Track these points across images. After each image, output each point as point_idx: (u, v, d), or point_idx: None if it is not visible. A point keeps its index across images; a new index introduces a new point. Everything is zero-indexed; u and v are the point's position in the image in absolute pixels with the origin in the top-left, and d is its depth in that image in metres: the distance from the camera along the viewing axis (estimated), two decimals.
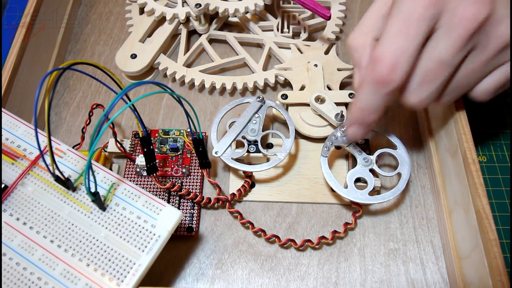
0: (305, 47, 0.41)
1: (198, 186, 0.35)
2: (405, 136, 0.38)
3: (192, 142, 0.31)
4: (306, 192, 0.35)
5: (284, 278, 0.32)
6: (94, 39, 0.46)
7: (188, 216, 0.34)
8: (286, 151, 0.33)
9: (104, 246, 0.26)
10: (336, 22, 0.44)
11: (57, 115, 0.40)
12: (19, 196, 0.28)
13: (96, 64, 0.25)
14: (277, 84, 0.41)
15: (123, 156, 0.36)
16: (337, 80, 0.38)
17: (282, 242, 0.32)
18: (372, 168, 0.32)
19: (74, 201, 0.28)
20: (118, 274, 0.25)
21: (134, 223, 0.27)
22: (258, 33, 0.43)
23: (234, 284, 0.32)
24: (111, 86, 0.27)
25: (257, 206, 0.35)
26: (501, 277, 0.25)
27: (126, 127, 0.39)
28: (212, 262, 0.32)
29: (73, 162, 0.29)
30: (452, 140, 0.32)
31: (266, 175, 0.36)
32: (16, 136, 0.30)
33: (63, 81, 0.42)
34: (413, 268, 0.32)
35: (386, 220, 0.34)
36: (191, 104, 0.28)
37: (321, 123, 0.36)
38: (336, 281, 0.32)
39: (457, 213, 0.31)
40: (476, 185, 0.28)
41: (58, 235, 0.27)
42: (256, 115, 0.34)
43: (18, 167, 0.29)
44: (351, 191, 0.31)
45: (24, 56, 0.37)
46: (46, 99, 0.22)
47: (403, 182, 0.31)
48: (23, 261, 0.26)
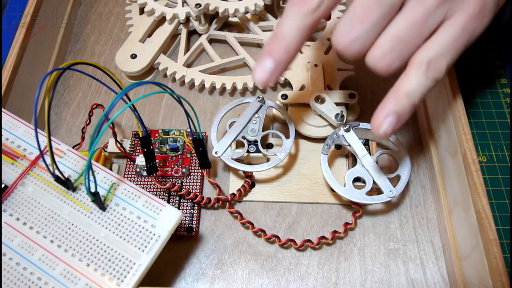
0: (305, 47, 0.41)
1: (198, 186, 0.35)
2: (405, 136, 0.38)
3: (192, 142, 0.31)
4: (306, 192, 0.35)
5: (284, 278, 0.32)
6: (94, 39, 0.46)
7: (188, 216, 0.34)
8: (286, 151, 0.33)
9: (104, 246, 0.26)
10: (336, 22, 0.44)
11: (57, 115, 0.40)
12: (19, 196, 0.28)
13: (96, 64, 0.25)
14: (277, 84, 0.41)
15: (123, 156, 0.36)
16: (337, 80, 0.38)
17: (282, 242, 0.32)
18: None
19: (74, 201, 0.28)
20: (118, 274, 0.25)
21: (134, 223, 0.27)
22: (258, 33, 0.43)
23: (234, 284, 0.32)
24: (111, 86, 0.27)
25: (257, 206, 0.35)
26: (501, 277, 0.25)
27: (126, 127, 0.39)
28: (212, 262, 0.32)
29: (73, 162, 0.29)
30: (452, 140, 0.32)
31: (266, 175, 0.36)
32: (16, 136, 0.30)
33: (63, 81, 0.42)
34: (413, 268, 0.32)
35: (386, 220, 0.34)
36: (191, 104, 0.28)
37: (321, 123, 0.36)
38: (336, 281, 0.32)
39: (457, 213, 0.31)
40: (476, 185, 0.28)
41: (58, 235, 0.27)
42: (256, 115, 0.34)
43: (18, 167, 0.29)
44: (349, 190, 0.31)
45: (24, 56, 0.37)
46: (46, 99, 0.22)
47: (402, 184, 0.31)
48: (23, 261, 0.26)
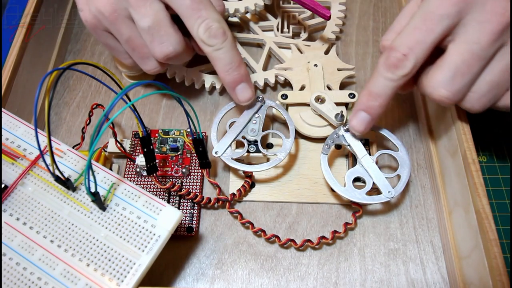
0: (305, 47, 0.41)
1: (198, 186, 0.35)
2: (405, 136, 0.38)
3: (192, 142, 0.31)
4: (306, 192, 0.35)
5: (284, 278, 0.32)
6: (94, 39, 0.46)
7: (188, 216, 0.34)
8: (286, 151, 0.33)
9: (104, 246, 0.26)
10: (336, 22, 0.44)
11: (57, 115, 0.40)
12: (19, 196, 0.28)
13: (96, 64, 0.25)
14: (277, 84, 0.41)
15: (123, 156, 0.36)
16: (337, 80, 0.38)
17: (282, 242, 0.32)
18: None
19: (74, 201, 0.28)
20: (118, 274, 0.25)
21: (134, 223, 0.27)
22: (258, 33, 0.43)
23: (234, 284, 0.32)
24: (111, 86, 0.27)
25: (257, 206, 0.35)
26: (501, 277, 0.25)
27: (126, 127, 0.39)
28: (212, 262, 0.32)
29: (73, 162, 0.29)
30: (452, 140, 0.32)
31: (266, 175, 0.36)
32: (16, 136, 0.30)
33: (63, 81, 0.42)
34: (413, 268, 0.32)
35: (386, 220, 0.34)
36: (191, 104, 0.28)
37: (321, 123, 0.36)
38: (336, 281, 0.32)
39: (457, 213, 0.31)
40: (476, 185, 0.28)
41: (58, 235, 0.27)
42: (256, 115, 0.34)
43: (18, 167, 0.29)
44: (349, 189, 0.31)
45: (24, 56, 0.37)
46: (46, 99, 0.22)
47: (401, 184, 0.31)
48: (23, 261, 0.26)
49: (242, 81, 0.32)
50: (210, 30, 0.30)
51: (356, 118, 0.31)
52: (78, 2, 0.33)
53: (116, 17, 0.31)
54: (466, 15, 0.26)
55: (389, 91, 0.29)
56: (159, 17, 0.31)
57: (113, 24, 0.32)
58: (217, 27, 0.30)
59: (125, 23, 0.32)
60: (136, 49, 0.33)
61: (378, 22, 0.47)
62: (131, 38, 0.32)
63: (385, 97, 0.29)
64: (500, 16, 0.25)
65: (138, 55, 0.34)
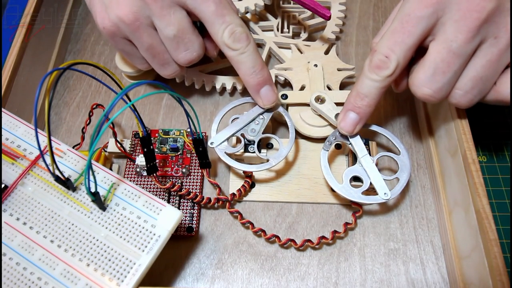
0: (305, 47, 0.41)
1: (198, 186, 0.35)
2: (405, 136, 0.38)
3: (192, 142, 0.31)
4: (306, 192, 0.35)
5: (284, 278, 0.32)
6: (94, 39, 0.46)
7: (188, 216, 0.34)
8: (279, 158, 0.32)
9: (104, 246, 0.26)
10: (336, 22, 0.44)
11: (57, 115, 0.40)
12: (19, 196, 0.28)
13: (96, 64, 0.25)
14: (277, 84, 0.41)
15: (123, 156, 0.36)
16: (337, 80, 0.38)
17: (282, 242, 0.32)
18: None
19: (74, 201, 0.28)
20: (118, 274, 0.25)
21: (134, 223, 0.27)
22: (258, 33, 0.43)
23: (234, 284, 0.32)
24: (111, 86, 0.27)
25: (257, 206, 0.35)
26: (501, 277, 0.25)
27: (126, 127, 0.39)
28: (212, 262, 0.32)
29: (73, 162, 0.29)
30: (452, 140, 0.32)
31: (266, 175, 0.36)
32: (16, 136, 0.30)
33: (63, 81, 0.42)
34: (413, 268, 0.32)
35: (386, 220, 0.34)
36: (191, 104, 0.28)
37: (321, 123, 0.36)
38: (336, 281, 0.32)
39: (457, 213, 0.31)
40: (476, 185, 0.28)
41: (58, 235, 0.27)
42: (260, 116, 0.34)
43: (18, 167, 0.29)
44: (345, 187, 0.31)
45: (24, 56, 0.37)
46: (46, 99, 0.22)
47: (398, 188, 0.31)
48: (23, 261, 0.26)
49: (265, 83, 0.32)
50: (234, 34, 0.30)
51: (344, 119, 0.32)
52: (94, 9, 0.33)
53: (138, 26, 0.31)
54: (444, 14, 0.27)
55: (376, 91, 0.30)
56: (183, 25, 0.31)
57: (135, 32, 0.32)
58: (240, 31, 0.31)
59: (147, 32, 0.32)
60: (156, 56, 0.33)
61: (378, 22, 0.47)
62: (152, 46, 0.32)
63: (372, 96, 0.30)
64: (475, 13, 0.26)
65: (158, 62, 0.34)
